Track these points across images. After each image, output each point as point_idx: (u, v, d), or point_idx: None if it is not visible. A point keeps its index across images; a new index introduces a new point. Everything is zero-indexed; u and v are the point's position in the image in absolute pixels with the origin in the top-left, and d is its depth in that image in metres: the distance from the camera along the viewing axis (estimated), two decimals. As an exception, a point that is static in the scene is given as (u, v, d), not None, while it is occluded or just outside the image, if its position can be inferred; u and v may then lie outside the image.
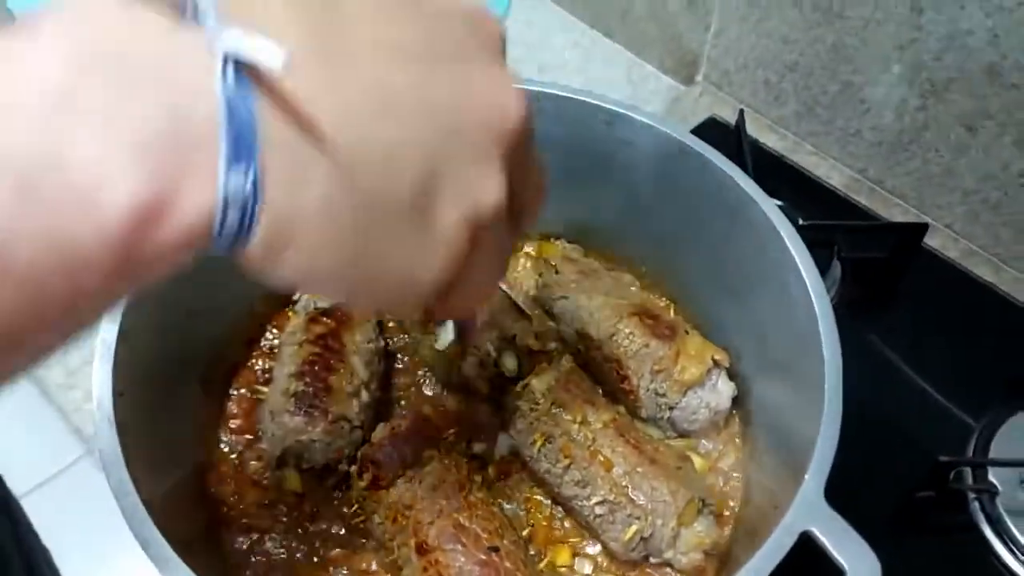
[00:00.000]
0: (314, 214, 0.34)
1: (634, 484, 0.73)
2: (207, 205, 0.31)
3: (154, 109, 0.30)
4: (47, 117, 0.29)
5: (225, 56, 0.31)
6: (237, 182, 0.31)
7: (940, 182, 1.04)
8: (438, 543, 0.68)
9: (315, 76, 0.33)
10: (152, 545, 0.55)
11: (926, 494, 0.84)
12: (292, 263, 0.35)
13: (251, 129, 0.31)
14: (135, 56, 0.31)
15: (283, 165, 0.33)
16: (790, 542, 0.57)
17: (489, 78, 0.39)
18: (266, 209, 0.33)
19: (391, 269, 0.38)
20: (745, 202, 0.74)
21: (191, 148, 0.31)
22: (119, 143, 0.29)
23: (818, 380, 0.65)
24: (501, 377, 0.82)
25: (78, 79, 0.29)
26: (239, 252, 0.34)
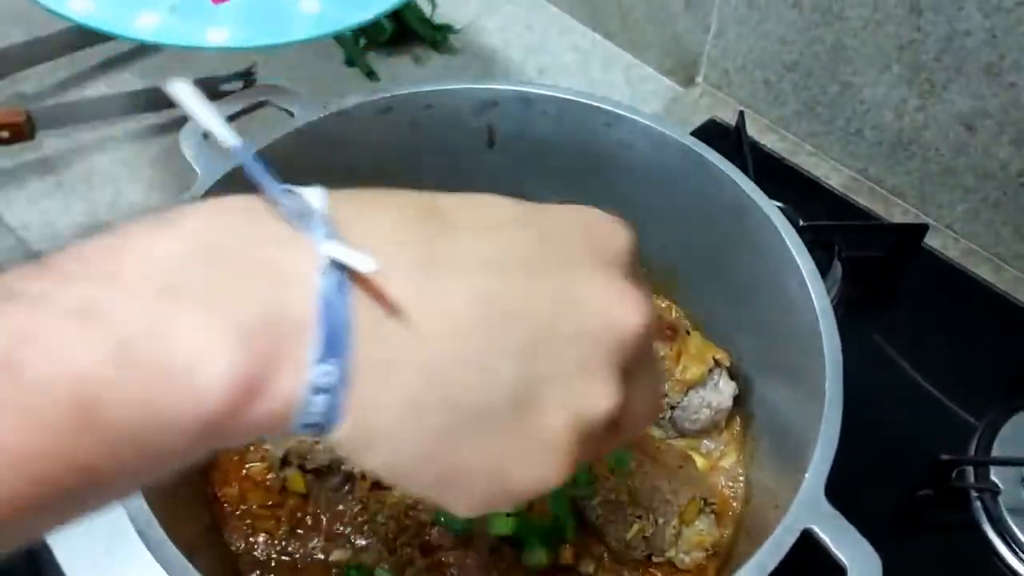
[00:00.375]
0: (400, 414, 0.35)
1: (636, 484, 0.73)
2: (296, 393, 0.33)
3: (258, 299, 0.32)
4: (157, 301, 0.31)
5: (326, 259, 0.33)
6: (326, 374, 0.33)
7: (940, 181, 1.04)
8: (441, 543, 0.68)
9: (412, 284, 0.35)
10: (158, 546, 0.56)
11: (927, 493, 0.84)
12: (376, 456, 0.36)
13: (344, 327, 0.33)
14: (245, 255, 0.33)
15: (373, 364, 0.34)
16: (791, 540, 0.57)
17: (602, 287, 0.39)
18: (352, 404, 0.34)
19: (483, 470, 0.37)
20: (745, 203, 0.75)
21: (287, 338, 0.32)
22: (223, 326, 0.31)
23: (819, 379, 0.65)
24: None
25: (187, 273, 0.32)
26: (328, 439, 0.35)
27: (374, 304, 0.34)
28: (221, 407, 0.31)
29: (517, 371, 0.36)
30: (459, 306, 0.35)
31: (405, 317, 0.34)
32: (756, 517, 0.73)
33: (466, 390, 0.35)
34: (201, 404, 0.31)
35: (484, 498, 0.38)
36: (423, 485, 0.38)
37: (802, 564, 0.57)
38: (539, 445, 0.37)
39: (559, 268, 0.38)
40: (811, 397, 0.66)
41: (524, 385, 0.36)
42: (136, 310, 0.31)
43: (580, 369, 0.37)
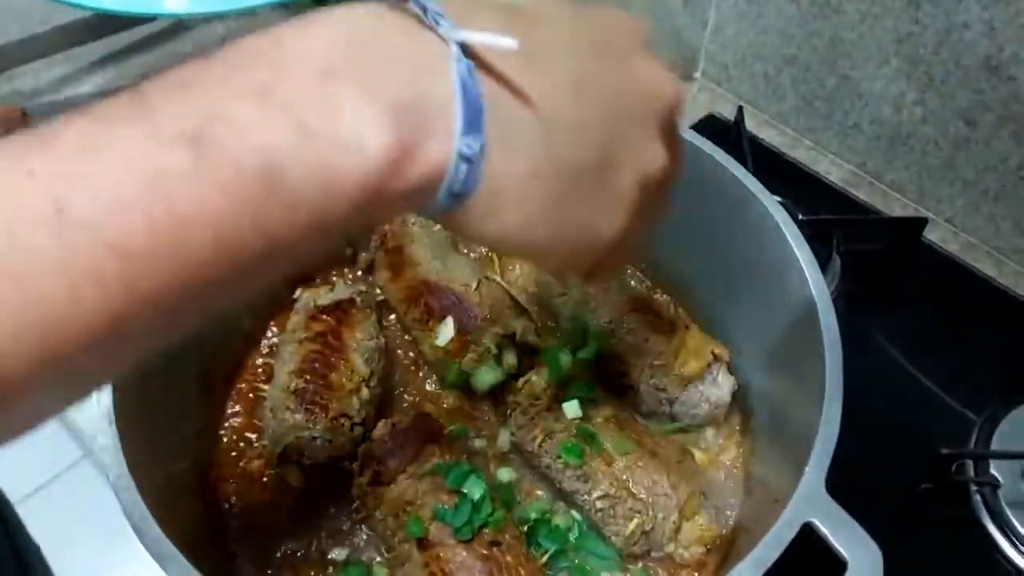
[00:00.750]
0: (524, 174, 0.41)
1: (635, 478, 0.73)
2: (443, 161, 0.38)
3: (404, 83, 0.37)
4: (321, 82, 0.36)
5: (459, 44, 0.38)
6: (468, 145, 0.38)
7: (939, 175, 1.04)
8: (439, 538, 0.68)
9: (523, 66, 0.40)
10: (153, 541, 0.55)
11: (927, 487, 0.84)
12: (504, 216, 0.41)
13: (478, 104, 0.38)
14: (386, 45, 0.38)
15: (501, 133, 0.39)
16: (791, 534, 0.57)
17: (647, 68, 0.47)
18: (488, 169, 0.39)
19: (580, 223, 0.45)
20: (745, 198, 0.75)
21: (432, 115, 0.37)
22: (378, 105, 0.36)
23: (818, 373, 0.65)
24: (502, 373, 0.82)
25: (341, 58, 0.36)
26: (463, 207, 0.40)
27: (498, 86, 0.40)
28: (383, 170, 0.36)
29: (604, 134, 0.44)
30: (558, 83, 0.42)
31: (522, 97, 0.40)
32: (756, 512, 0.73)
33: (571, 152, 0.42)
34: (368, 168, 0.36)
35: (579, 250, 0.46)
36: (539, 243, 0.44)
37: (802, 558, 0.57)
38: (615, 198, 0.45)
39: (615, 49, 0.46)
40: (811, 392, 0.66)
41: (608, 146, 0.44)
42: (306, 90, 0.35)
43: (642, 132, 0.46)
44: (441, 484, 0.71)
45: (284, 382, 0.75)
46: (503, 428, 0.81)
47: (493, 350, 0.81)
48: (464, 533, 0.68)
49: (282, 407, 0.74)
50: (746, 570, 0.56)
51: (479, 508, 0.69)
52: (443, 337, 0.82)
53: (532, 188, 0.42)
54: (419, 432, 0.75)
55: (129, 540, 0.56)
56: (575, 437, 0.75)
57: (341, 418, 0.74)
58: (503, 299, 0.85)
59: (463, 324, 0.82)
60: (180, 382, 0.76)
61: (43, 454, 0.90)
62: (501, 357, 0.82)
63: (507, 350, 0.82)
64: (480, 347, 0.81)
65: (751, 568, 0.56)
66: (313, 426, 0.73)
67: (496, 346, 0.81)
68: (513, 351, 0.82)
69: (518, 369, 0.82)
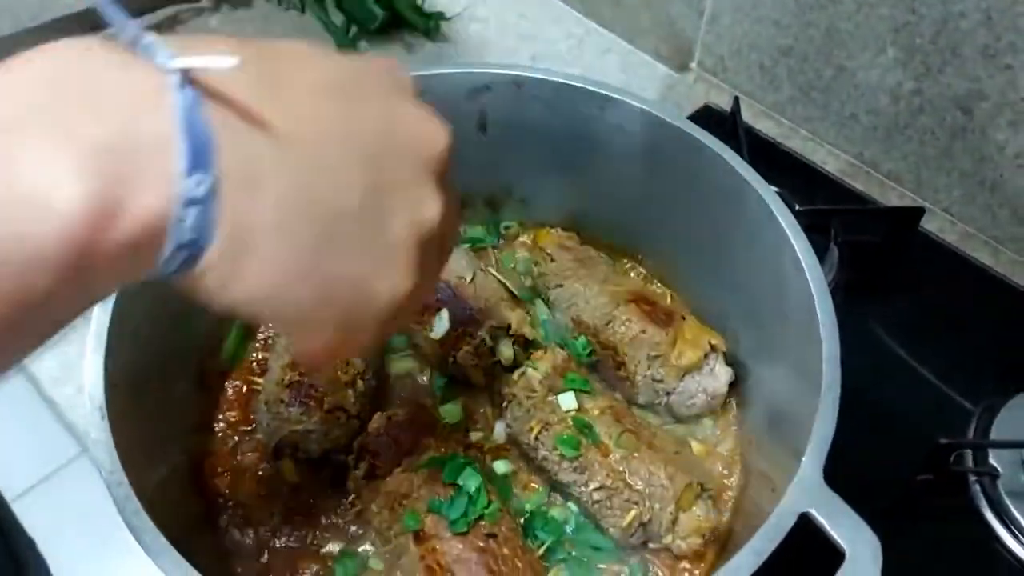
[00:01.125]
0: (272, 220, 0.36)
1: (632, 469, 0.72)
2: (164, 207, 0.33)
3: (107, 123, 0.33)
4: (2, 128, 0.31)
5: (178, 72, 0.34)
6: (194, 186, 0.33)
7: (937, 164, 1.04)
8: (435, 531, 0.68)
9: (263, 98, 0.36)
10: (146, 535, 0.55)
11: (926, 478, 0.83)
12: (251, 275, 0.36)
13: (205, 137, 0.34)
14: (92, 82, 0.33)
15: (241, 169, 0.35)
16: (789, 524, 0.56)
17: (414, 115, 0.44)
18: (225, 213, 0.34)
19: (351, 282, 0.40)
20: (741, 187, 0.74)
21: (144, 156, 0.33)
22: (71, 149, 0.31)
23: (815, 363, 0.65)
24: (497, 365, 0.82)
25: (34, 98, 0.32)
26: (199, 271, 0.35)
27: (232, 117, 0.35)
28: (83, 226, 0.31)
29: (366, 178, 0.40)
30: (309, 118, 0.38)
31: (263, 127, 0.36)
32: (754, 502, 0.72)
33: (333, 193, 0.38)
34: (64, 225, 0.31)
35: (353, 314, 0.41)
36: (299, 305, 0.39)
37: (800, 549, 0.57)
38: (389, 251, 0.41)
39: (375, 92, 0.43)
40: (808, 381, 0.65)
41: (373, 191, 0.40)
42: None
43: (413, 179, 0.42)
44: (437, 477, 0.71)
45: (278, 375, 0.75)
46: (499, 420, 0.80)
47: (488, 343, 0.80)
48: (460, 526, 0.68)
49: (276, 400, 0.73)
50: (743, 561, 0.55)
51: (475, 500, 0.69)
52: (438, 330, 0.81)
53: (283, 235, 0.37)
54: (414, 425, 0.75)
55: (125, 535, 0.56)
56: (571, 429, 0.74)
57: (336, 411, 0.74)
58: (498, 291, 0.85)
59: (458, 317, 0.81)
60: (175, 377, 0.76)
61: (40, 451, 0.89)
62: (496, 349, 0.81)
63: (503, 342, 0.81)
64: (475, 340, 0.80)
65: (748, 559, 0.55)
66: (308, 419, 0.72)
67: (491, 339, 0.81)
68: (509, 343, 0.81)
69: (514, 361, 0.81)
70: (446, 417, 0.80)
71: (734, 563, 0.55)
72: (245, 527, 0.74)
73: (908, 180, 1.08)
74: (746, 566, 0.55)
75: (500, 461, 0.78)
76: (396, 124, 0.43)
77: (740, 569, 0.55)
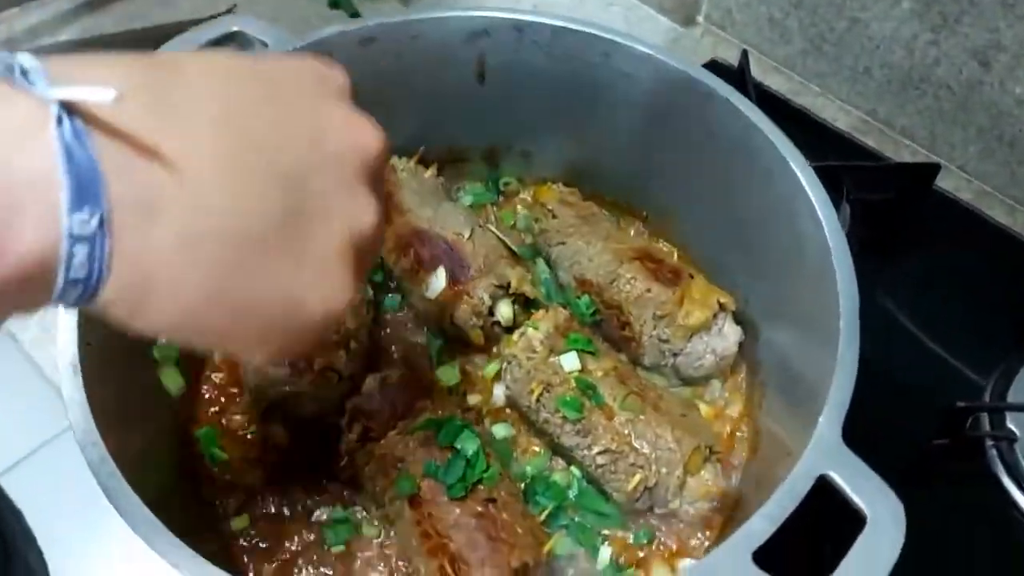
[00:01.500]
0: (175, 251, 0.34)
1: (637, 432, 0.69)
2: (48, 246, 0.32)
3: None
4: None
5: (59, 104, 0.32)
6: (81, 221, 0.32)
7: (952, 119, 1.00)
8: (431, 496, 0.65)
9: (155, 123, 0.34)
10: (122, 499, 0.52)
11: (941, 442, 0.80)
12: (159, 307, 0.35)
13: (92, 172, 0.32)
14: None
15: (133, 205, 0.33)
16: (806, 487, 0.53)
17: (344, 118, 0.42)
18: (119, 248, 0.33)
19: (279, 297, 0.38)
20: (753, 135, 0.70)
21: (26, 192, 0.31)
22: None
23: (831, 320, 0.61)
24: (496, 325, 0.79)
25: None
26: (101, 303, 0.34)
27: (121, 146, 0.33)
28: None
29: (285, 193, 0.37)
30: (209, 139, 0.36)
31: (157, 156, 0.34)
32: (765, 467, 0.69)
33: (240, 217, 0.36)
34: None
35: (285, 330, 0.39)
36: (220, 329, 0.37)
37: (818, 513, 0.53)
38: (322, 263, 0.39)
39: (298, 102, 0.40)
40: (823, 339, 0.62)
41: (295, 205, 0.38)
42: None
43: (343, 187, 0.40)
44: (433, 440, 0.68)
45: (267, 334, 0.71)
46: (498, 383, 0.77)
47: (487, 302, 0.77)
48: (457, 490, 0.65)
49: (265, 361, 0.70)
50: (757, 527, 0.52)
51: (473, 464, 0.66)
52: (434, 288, 0.78)
53: (189, 261, 0.35)
54: (410, 387, 0.72)
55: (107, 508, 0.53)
56: (574, 390, 0.71)
57: (327, 372, 0.70)
58: (498, 248, 0.81)
59: (455, 275, 0.78)
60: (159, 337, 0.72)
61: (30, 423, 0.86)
62: (495, 309, 0.78)
63: (502, 301, 0.78)
64: (473, 299, 0.77)
65: (763, 523, 0.52)
66: (298, 380, 0.69)
67: (490, 298, 0.77)
68: (508, 302, 0.78)
69: (514, 321, 0.78)
70: (443, 379, 0.77)
71: (747, 529, 0.52)
72: (233, 493, 0.71)
73: (922, 137, 1.05)
74: (760, 532, 0.52)
75: (499, 424, 0.76)
76: (324, 132, 0.40)
77: (754, 535, 0.52)
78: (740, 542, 0.52)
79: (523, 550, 0.62)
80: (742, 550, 0.51)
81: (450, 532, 0.63)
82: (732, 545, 0.52)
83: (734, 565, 0.51)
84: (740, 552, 0.51)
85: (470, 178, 0.90)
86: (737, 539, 0.52)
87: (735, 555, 0.51)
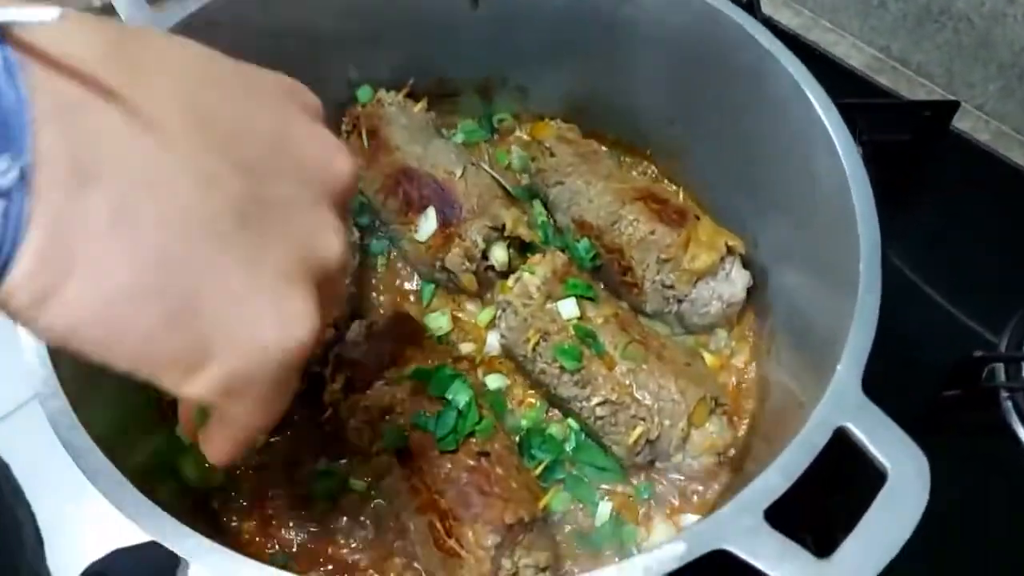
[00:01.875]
0: (107, 223, 0.28)
1: (639, 383, 0.65)
2: None
3: None
4: None
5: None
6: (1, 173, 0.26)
7: (972, 56, 0.95)
8: (421, 449, 0.61)
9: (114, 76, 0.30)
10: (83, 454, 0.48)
11: (954, 393, 0.78)
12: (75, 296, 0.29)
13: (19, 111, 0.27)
14: None
15: (70, 158, 0.28)
16: (823, 440, 0.50)
17: (314, 130, 0.38)
18: (40, 212, 0.27)
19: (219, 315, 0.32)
20: (764, 62, 0.65)
21: None
22: None
23: (848, 263, 0.57)
24: (490, 270, 0.75)
25: None
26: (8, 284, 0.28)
27: (64, 91, 0.28)
28: None
29: (244, 188, 0.33)
30: (173, 109, 0.31)
31: (105, 111, 0.29)
32: (775, 419, 0.66)
33: (193, 202, 0.31)
34: None
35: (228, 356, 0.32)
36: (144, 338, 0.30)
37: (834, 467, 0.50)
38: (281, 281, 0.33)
39: (270, 103, 0.37)
40: (840, 283, 0.58)
41: (255, 206, 0.33)
42: None
43: (307, 202, 0.36)
44: (422, 390, 0.64)
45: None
46: (492, 330, 0.74)
47: (480, 245, 0.73)
48: (448, 443, 0.61)
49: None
50: (770, 482, 0.48)
51: (465, 416, 0.62)
52: (424, 231, 0.74)
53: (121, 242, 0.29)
54: (397, 333, 0.68)
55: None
56: (572, 339, 0.67)
57: (309, 318, 0.66)
58: (492, 188, 0.77)
59: (446, 216, 0.74)
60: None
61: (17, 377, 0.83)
62: (489, 252, 0.73)
63: (496, 245, 0.73)
64: (465, 241, 0.72)
65: (777, 478, 0.48)
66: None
67: (484, 240, 0.73)
68: (503, 246, 0.74)
69: (509, 266, 0.74)
70: (433, 327, 0.74)
71: (759, 485, 0.48)
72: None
73: (939, 75, 1.00)
74: (773, 488, 0.48)
75: (493, 375, 0.72)
76: (292, 139, 0.36)
77: (767, 491, 0.48)
78: (751, 499, 0.48)
79: (518, 505, 0.59)
80: (753, 507, 0.47)
81: (441, 487, 0.59)
82: (743, 502, 0.48)
83: (745, 524, 0.47)
84: (752, 509, 0.47)
85: (462, 114, 0.85)
86: (748, 495, 0.48)
87: (746, 513, 0.47)
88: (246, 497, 0.66)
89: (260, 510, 0.65)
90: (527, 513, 0.59)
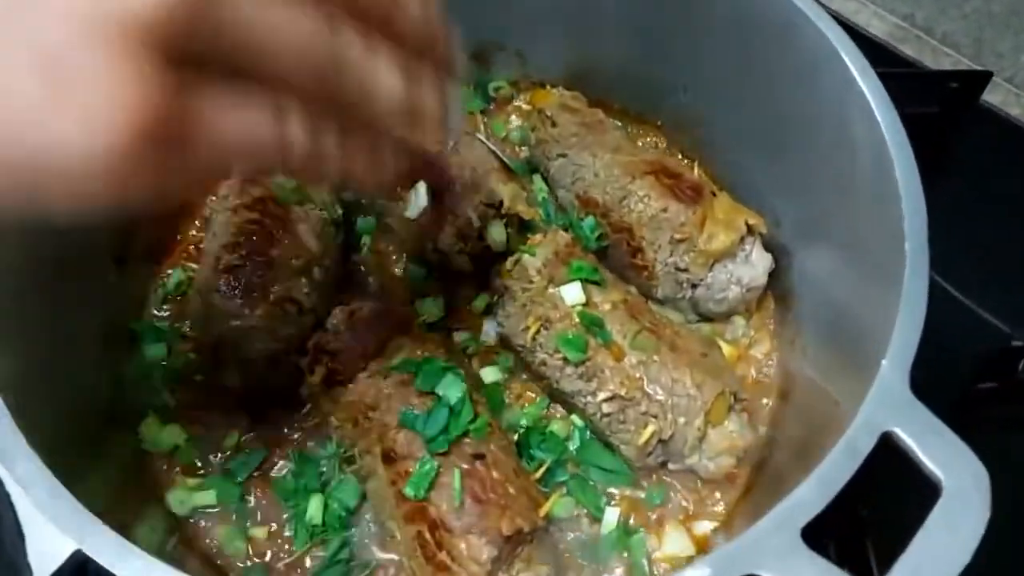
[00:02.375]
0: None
1: (650, 376, 0.60)
2: None
3: None
4: None
5: None
6: None
7: (1003, 24, 0.91)
8: (408, 451, 0.55)
9: None
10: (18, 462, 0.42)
11: (989, 385, 0.73)
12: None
13: None
14: None
15: None
16: (868, 445, 0.44)
17: None
18: None
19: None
20: (792, 20, 0.60)
21: None
22: None
23: (891, 241, 0.52)
24: (487, 251, 0.69)
25: None
26: None
27: None
28: None
29: None
30: None
31: None
32: (800, 417, 0.60)
33: None
34: None
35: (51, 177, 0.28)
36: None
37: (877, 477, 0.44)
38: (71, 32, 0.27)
39: None
40: (876, 267, 0.53)
41: None
42: None
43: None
44: (410, 384, 0.59)
45: (214, 258, 0.61)
46: (488, 318, 0.69)
47: (476, 223, 0.67)
48: (439, 445, 0.55)
49: (211, 289, 0.60)
50: (808, 494, 0.43)
51: (458, 414, 0.57)
52: (415, 207, 0.69)
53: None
54: (384, 321, 0.63)
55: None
56: (577, 327, 0.62)
57: (285, 303, 0.61)
58: (488, 161, 0.72)
59: (438, 191, 0.68)
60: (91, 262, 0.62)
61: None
62: (486, 232, 0.68)
63: (493, 223, 0.68)
64: (459, 220, 0.67)
65: (815, 491, 0.43)
66: (249, 313, 0.60)
67: (479, 218, 0.68)
68: (500, 224, 0.68)
69: (507, 246, 0.68)
70: (423, 314, 0.69)
71: (796, 498, 0.43)
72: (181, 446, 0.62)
73: (966, 45, 0.95)
74: (812, 502, 0.42)
75: (489, 367, 0.68)
76: None
77: (804, 507, 0.42)
78: (786, 515, 0.42)
79: (516, 514, 0.53)
80: (790, 525, 0.42)
81: (431, 494, 0.53)
82: (777, 519, 0.42)
83: (780, 544, 0.41)
84: (788, 527, 0.42)
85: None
86: (783, 512, 0.42)
87: (781, 531, 0.41)
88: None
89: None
90: (526, 523, 0.54)
